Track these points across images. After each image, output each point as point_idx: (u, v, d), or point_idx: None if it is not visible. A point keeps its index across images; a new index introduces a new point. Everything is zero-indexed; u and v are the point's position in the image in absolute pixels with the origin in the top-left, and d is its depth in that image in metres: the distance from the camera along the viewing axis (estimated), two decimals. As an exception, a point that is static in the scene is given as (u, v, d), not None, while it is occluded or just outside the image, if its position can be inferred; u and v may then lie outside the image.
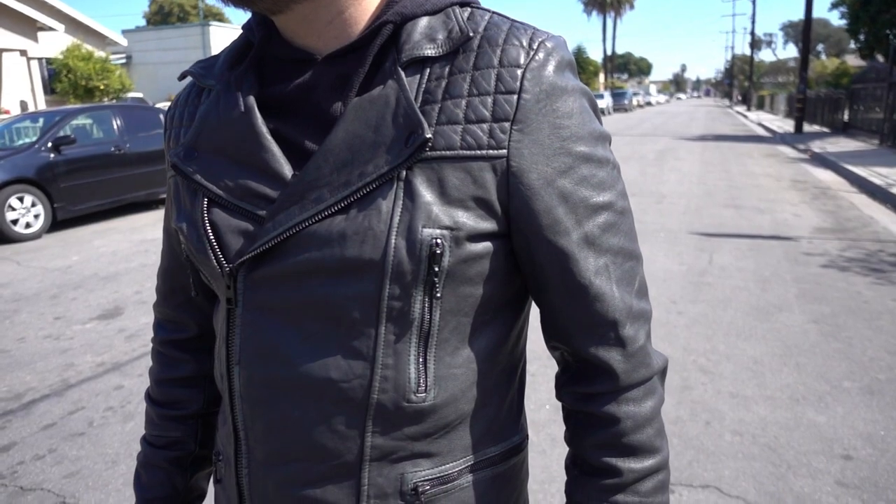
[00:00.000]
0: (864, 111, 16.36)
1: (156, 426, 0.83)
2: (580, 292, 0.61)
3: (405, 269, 0.56)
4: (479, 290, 0.61)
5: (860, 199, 8.28)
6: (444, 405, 0.62)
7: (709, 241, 6.13)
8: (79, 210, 7.72)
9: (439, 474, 0.63)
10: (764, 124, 24.85)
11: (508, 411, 0.69)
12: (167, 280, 0.80)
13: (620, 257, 0.62)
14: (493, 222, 0.59)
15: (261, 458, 0.64)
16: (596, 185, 0.60)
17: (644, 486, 0.63)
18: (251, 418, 0.63)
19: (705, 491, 2.39)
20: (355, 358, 0.59)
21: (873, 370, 3.35)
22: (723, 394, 3.15)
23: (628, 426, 0.62)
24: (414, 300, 0.58)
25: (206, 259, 0.62)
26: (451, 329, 0.61)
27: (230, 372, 0.64)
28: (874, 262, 5.33)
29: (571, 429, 0.66)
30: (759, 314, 4.20)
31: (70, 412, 3.14)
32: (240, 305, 0.62)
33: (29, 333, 4.25)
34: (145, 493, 0.83)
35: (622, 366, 0.62)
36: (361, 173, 0.57)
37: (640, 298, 0.63)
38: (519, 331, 0.68)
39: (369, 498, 0.62)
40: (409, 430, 0.61)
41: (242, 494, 0.66)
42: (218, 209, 0.62)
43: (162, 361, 0.84)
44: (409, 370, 0.59)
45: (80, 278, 5.52)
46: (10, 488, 2.54)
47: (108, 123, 8.26)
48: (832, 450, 2.64)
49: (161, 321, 0.84)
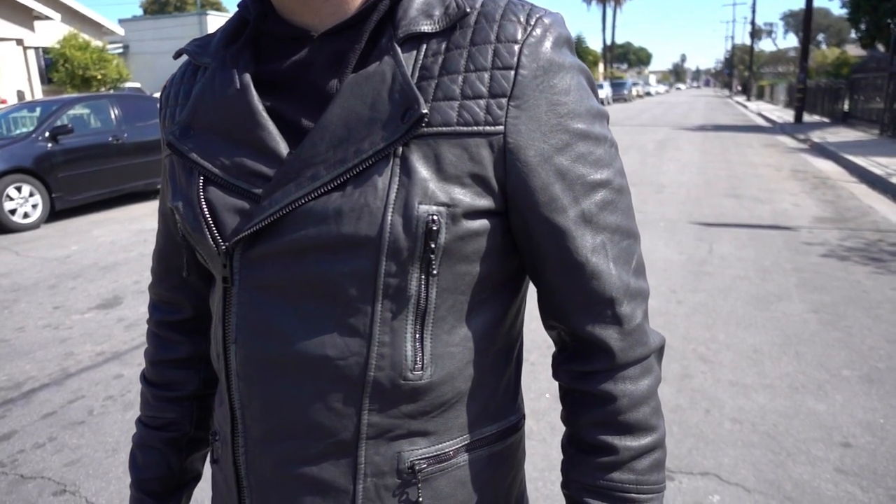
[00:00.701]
0: (865, 101, 16.33)
1: (151, 407, 0.83)
2: (577, 270, 0.60)
3: (401, 246, 0.56)
4: (475, 269, 0.60)
5: (860, 189, 8.27)
6: (440, 383, 0.61)
7: (708, 231, 6.13)
8: (77, 200, 7.70)
9: (436, 453, 0.63)
10: (764, 114, 24.81)
11: (505, 391, 0.68)
12: (162, 261, 0.80)
13: (618, 235, 0.61)
14: (490, 199, 0.59)
15: (257, 436, 0.63)
16: (593, 163, 0.60)
17: (640, 463, 0.63)
18: (248, 397, 0.63)
19: (705, 478, 2.40)
20: (352, 335, 0.59)
21: (873, 359, 3.36)
22: (722, 382, 3.15)
23: (625, 404, 0.62)
24: (410, 277, 0.58)
25: (202, 238, 0.62)
26: (447, 307, 0.60)
27: (227, 351, 0.63)
28: (874, 251, 5.33)
29: (568, 408, 0.66)
30: (758, 303, 4.20)
31: (70, 401, 3.15)
32: (236, 284, 0.61)
33: (28, 323, 4.24)
34: (140, 473, 0.83)
35: (619, 344, 0.62)
36: (357, 150, 0.56)
37: (637, 277, 0.63)
38: (516, 311, 0.68)
39: (366, 476, 0.62)
40: (405, 408, 0.61)
41: (239, 473, 0.66)
42: (214, 187, 0.62)
43: (157, 343, 0.83)
44: (405, 348, 0.59)
45: (79, 268, 5.51)
46: (11, 476, 2.54)
47: (106, 113, 8.23)
48: (831, 437, 2.65)
49: (156, 302, 0.84)
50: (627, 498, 0.62)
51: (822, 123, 18.74)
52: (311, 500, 0.63)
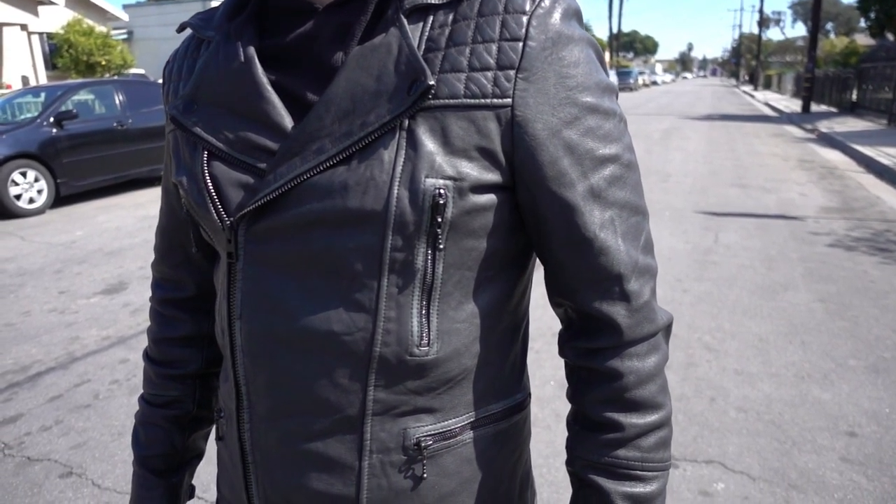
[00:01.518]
0: (873, 91, 16.19)
1: (154, 385, 0.83)
2: (585, 246, 0.60)
3: (407, 220, 0.56)
4: (482, 244, 0.60)
5: (867, 180, 8.22)
6: (446, 360, 0.61)
7: (714, 220, 6.10)
8: (82, 186, 7.71)
9: (442, 429, 0.63)
10: (771, 104, 24.64)
11: (511, 369, 0.68)
12: (165, 238, 0.79)
13: (626, 211, 0.61)
14: (498, 173, 0.58)
15: (262, 412, 0.63)
16: (602, 137, 0.59)
17: (646, 441, 0.62)
18: (253, 373, 0.62)
19: (709, 466, 2.40)
20: (357, 311, 0.58)
21: (879, 349, 3.35)
22: (728, 371, 3.15)
23: (631, 381, 0.61)
24: (417, 252, 0.57)
25: (206, 213, 0.61)
26: (454, 283, 0.60)
27: (231, 327, 0.63)
28: (881, 241, 5.30)
29: (574, 385, 0.66)
30: (764, 293, 4.19)
31: (76, 384, 3.16)
32: (240, 260, 0.61)
33: (34, 307, 4.26)
34: (143, 450, 0.83)
35: (626, 321, 0.61)
36: (363, 123, 0.56)
37: (645, 254, 0.62)
38: (523, 289, 0.67)
39: (372, 453, 0.61)
40: (411, 384, 0.60)
41: (245, 450, 0.66)
42: (218, 162, 0.61)
43: (160, 321, 0.83)
44: (411, 323, 0.59)
45: (85, 253, 5.52)
46: (18, 458, 2.56)
47: (110, 98, 8.21)
48: (837, 426, 2.64)
49: (159, 280, 0.83)
50: (632, 475, 0.62)
51: (830, 113, 18.60)
52: (317, 477, 0.62)
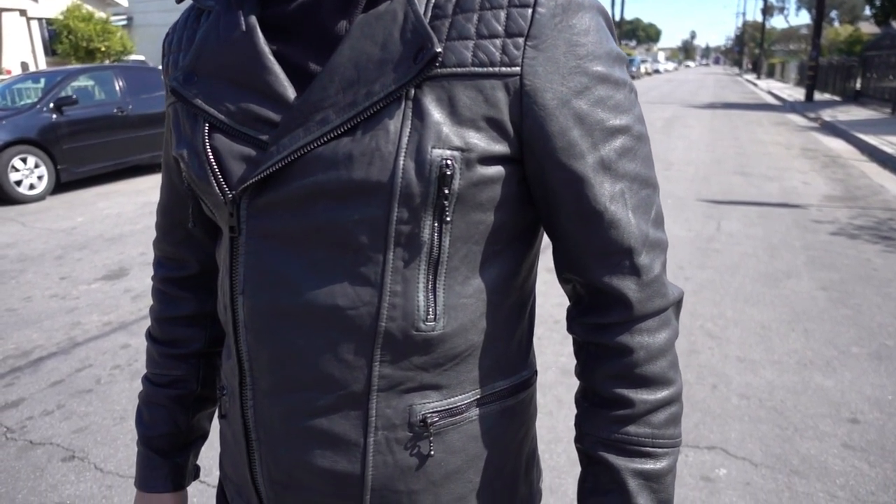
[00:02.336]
0: (877, 79, 16.09)
1: (157, 364, 0.82)
2: (595, 219, 0.58)
3: (414, 192, 0.54)
4: (490, 217, 0.59)
5: (871, 168, 8.18)
6: (453, 335, 0.60)
7: (717, 208, 6.08)
8: (82, 172, 7.68)
9: (448, 406, 0.62)
10: (774, 92, 24.50)
11: (518, 346, 0.67)
12: (167, 215, 0.78)
13: (637, 184, 0.59)
14: (506, 145, 0.56)
15: (266, 389, 0.62)
16: (613, 108, 0.57)
17: (657, 417, 0.61)
18: (256, 349, 0.61)
19: (711, 452, 2.40)
20: (363, 284, 0.57)
21: (882, 336, 3.34)
22: (730, 358, 3.14)
23: (641, 357, 0.60)
24: (423, 224, 0.56)
25: (207, 186, 0.60)
26: (461, 257, 0.59)
27: (234, 302, 0.62)
28: (884, 230, 5.29)
29: (582, 361, 0.65)
30: (767, 280, 4.17)
31: (77, 369, 3.16)
32: (243, 234, 0.60)
33: (35, 293, 4.26)
34: (147, 430, 0.82)
35: (637, 295, 0.60)
36: (368, 92, 0.54)
37: (656, 228, 0.61)
38: (530, 265, 0.66)
39: (377, 429, 0.61)
40: (417, 359, 0.59)
41: (248, 427, 0.65)
42: (219, 134, 0.60)
43: (162, 299, 0.82)
44: (417, 297, 0.58)
45: (85, 239, 5.51)
46: (20, 442, 2.56)
47: (110, 84, 8.16)
48: (839, 413, 2.64)
49: (161, 259, 0.82)
50: (642, 451, 0.61)
51: (834, 102, 18.50)
52: (321, 453, 0.62)
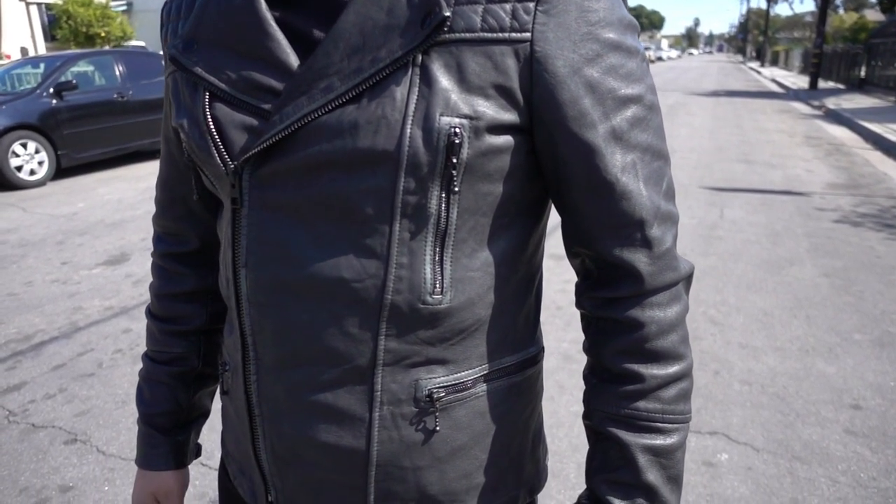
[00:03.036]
0: (882, 67, 15.98)
1: (157, 342, 0.81)
2: (606, 190, 0.57)
3: (421, 161, 0.53)
4: (498, 189, 0.57)
5: (875, 156, 8.14)
6: (460, 309, 0.59)
7: (719, 196, 6.06)
8: (83, 158, 7.65)
9: (454, 381, 0.61)
10: (778, 80, 24.35)
11: (525, 321, 0.66)
12: (166, 190, 0.77)
13: (649, 155, 0.58)
14: (515, 114, 0.55)
15: (269, 363, 0.61)
16: (625, 76, 0.56)
17: (667, 392, 0.60)
18: (259, 323, 0.60)
19: (713, 437, 2.40)
20: (368, 257, 0.56)
21: (885, 323, 3.33)
22: (732, 344, 3.14)
23: (652, 331, 0.59)
24: (430, 195, 0.55)
25: (208, 157, 0.59)
26: (468, 229, 0.57)
27: (236, 275, 0.61)
28: (888, 217, 5.26)
29: (591, 337, 0.63)
30: (769, 267, 4.16)
31: (79, 353, 3.16)
32: (245, 205, 0.58)
33: (36, 278, 4.25)
34: (148, 408, 0.81)
35: (648, 268, 0.58)
36: (374, 59, 0.53)
37: (667, 200, 0.60)
38: (538, 240, 0.65)
39: (382, 404, 0.60)
40: (423, 333, 0.58)
41: (251, 403, 0.64)
42: (220, 104, 0.59)
43: (162, 275, 0.81)
44: (424, 270, 0.57)
45: (86, 225, 5.50)
46: (22, 425, 2.56)
47: (110, 70, 8.11)
48: (841, 399, 2.64)
49: (161, 234, 0.81)
50: (652, 427, 0.60)
51: (838, 90, 18.39)
52: (326, 429, 0.61)
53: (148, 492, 0.81)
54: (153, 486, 0.81)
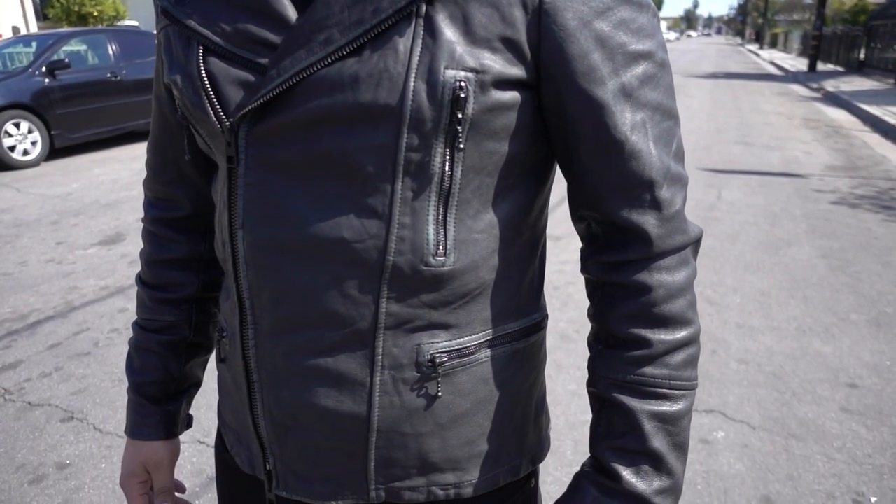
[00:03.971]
0: (882, 49, 15.89)
1: (148, 310, 0.79)
2: (615, 149, 0.55)
3: (425, 116, 0.51)
4: (503, 147, 0.56)
5: (873, 139, 8.12)
6: (463, 272, 0.57)
7: (717, 178, 6.04)
8: (77, 138, 7.58)
9: (457, 347, 0.60)
10: (776, 63, 24.22)
11: (529, 287, 0.65)
12: (158, 153, 0.74)
13: (659, 114, 0.56)
14: (522, 69, 0.53)
15: (268, 327, 0.60)
16: (635, 31, 0.54)
17: (674, 358, 0.59)
18: (257, 286, 0.59)
19: (710, 415, 2.40)
20: (369, 216, 0.54)
21: (881, 304, 3.34)
22: (729, 324, 3.14)
23: (660, 295, 0.57)
24: (434, 152, 0.53)
25: (203, 114, 0.57)
26: (473, 189, 0.56)
27: (233, 237, 0.59)
28: (885, 199, 5.26)
29: (597, 303, 0.62)
30: (767, 248, 4.16)
31: (75, 333, 3.15)
32: (242, 164, 0.56)
33: (31, 258, 4.22)
34: (138, 376, 0.79)
35: (657, 230, 0.57)
36: (376, 9, 0.51)
37: (677, 161, 0.58)
38: (542, 203, 0.64)
39: (383, 369, 0.58)
40: (426, 297, 0.57)
41: (249, 369, 0.62)
42: (215, 58, 0.56)
43: (153, 242, 0.79)
44: (427, 231, 0.55)
45: (81, 205, 5.46)
46: (18, 403, 2.56)
47: (103, 49, 8.01)
48: (837, 378, 2.65)
49: (152, 199, 0.78)
50: (659, 393, 0.58)
51: (837, 72, 18.31)
52: (326, 393, 0.59)
53: (138, 461, 0.79)
54: (143, 456, 0.79)
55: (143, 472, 0.80)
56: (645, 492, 0.58)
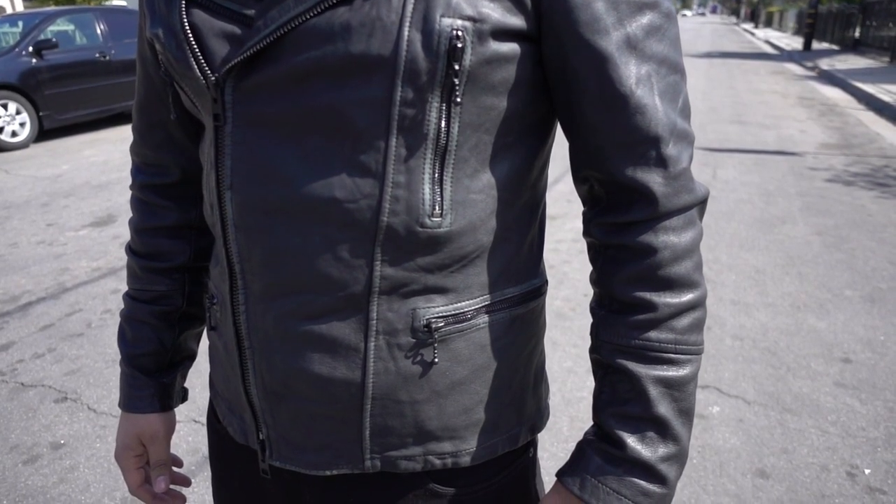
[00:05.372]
0: (877, 28, 15.80)
1: (139, 280, 0.77)
2: (619, 103, 0.53)
3: (420, 68, 0.49)
4: (502, 103, 0.53)
5: (868, 117, 8.10)
6: (460, 234, 0.55)
7: (713, 156, 6.02)
8: (66, 119, 7.48)
9: (454, 312, 0.58)
10: (772, 42, 24.08)
11: (529, 251, 0.63)
12: (144, 115, 0.72)
13: (665, 67, 0.54)
14: (522, 18, 0.51)
15: (259, 292, 0.58)
16: None
17: (680, 322, 0.57)
18: (247, 249, 0.57)
19: (705, 391, 2.41)
20: (362, 175, 0.52)
21: (875, 280, 3.34)
22: (724, 301, 3.14)
23: (666, 257, 0.55)
24: (429, 107, 0.51)
25: (187, 70, 0.54)
26: (470, 147, 0.54)
27: (221, 199, 0.57)
28: (880, 176, 5.25)
29: (600, 267, 0.60)
30: (762, 226, 4.16)
31: (67, 314, 3.12)
32: (229, 122, 0.54)
33: (21, 239, 4.18)
34: (130, 348, 0.77)
35: (663, 189, 0.54)
36: None
37: (683, 118, 0.56)
38: (542, 164, 0.62)
39: (378, 334, 0.57)
40: (422, 259, 0.55)
41: (240, 335, 0.61)
42: (198, 10, 0.54)
43: (142, 209, 0.76)
44: (422, 190, 0.53)
45: (71, 187, 5.40)
46: (11, 384, 2.54)
47: (91, 28, 7.87)
48: (832, 353, 2.65)
49: (140, 165, 0.76)
50: (664, 358, 0.56)
51: (832, 51, 18.22)
52: (319, 359, 0.58)
53: (133, 434, 0.78)
54: (138, 429, 0.78)
55: (139, 446, 0.79)
56: (650, 459, 0.56)
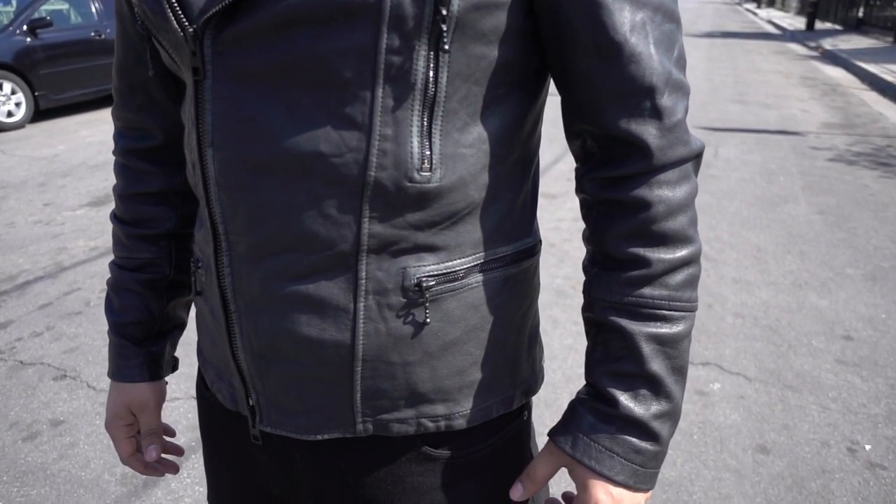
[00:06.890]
0: (881, 7, 15.63)
1: (124, 247, 0.75)
2: (613, 51, 0.50)
3: (406, 13, 0.46)
4: (493, 52, 0.51)
5: (870, 96, 8.03)
6: (451, 189, 0.53)
7: (714, 136, 5.97)
8: (62, 99, 7.41)
9: (445, 270, 0.56)
10: (774, 21, 23.84)
11: (522, 209, 0.61)
12: (124, 76, 0.69)
13: (660, 15, 0.51)
14: None
15: (244, 252, 0.56)
16: None
17: (674, 278, 0.55)
18: (230, 208, 0.54)
19: (706, 368, 2.40)
20: (348, 128, 0.50)
21: (877, 258, 3.32)
22: (726, 279, 3.12)
23: (660, 211, 0.54)
24: (417, 55, 0.48)
25: (163, 21, 0.52)
26: (460, 98, 0.51)
27: (202, 157, 0.54)
28: (882, 156, 5.21)
29: (593, 223, 0.58)
30: (764, 205, 4.13)
31: (65, 293, 3.11)
32: (209, 76, 0.52)
33: (18, 219, 4.16)
34: (118, 317, 0.75)
35: (658, 141, 0.52)
36: None
37: (679, 68, 0.53)
38: (535, 118, 0.59)
39: (367, 294, 0.55)
40: (411, 216, 0.53)
41: (226, 299, 0.59)
42: None
43: (125, 175, 0.74)
44: (411, 143, 0.51)
45: (68, 167, 5.36)
46: (10, 362, 2.53)
47: (86, 7, 7.78)
48: (833, 331, 2.64)
49: (122, 129, 0.73)
50: (658, 315, 0.55)
51: (835, 31, 18.04)
52: (307, 320, 0.56)
53: (122, 404, 0.76)
54: (127, 399, 0.76)
55: (129, 415, 0.77)
56: (643, 416, 0.55)
